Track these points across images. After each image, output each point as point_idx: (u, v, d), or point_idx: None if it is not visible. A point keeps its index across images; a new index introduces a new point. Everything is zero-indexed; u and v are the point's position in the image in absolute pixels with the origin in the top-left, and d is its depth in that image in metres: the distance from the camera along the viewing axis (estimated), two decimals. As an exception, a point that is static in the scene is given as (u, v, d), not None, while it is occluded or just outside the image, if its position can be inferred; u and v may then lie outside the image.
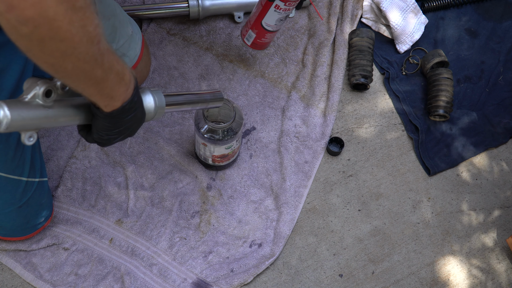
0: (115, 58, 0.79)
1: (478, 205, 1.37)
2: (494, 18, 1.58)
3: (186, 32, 1.50)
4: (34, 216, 1.19)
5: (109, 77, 0.79)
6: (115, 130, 0.90)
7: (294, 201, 1.32)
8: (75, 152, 1.35)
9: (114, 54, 0.79)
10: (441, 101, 1.41)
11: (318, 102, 1.43)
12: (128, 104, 0.86)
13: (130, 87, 0.85)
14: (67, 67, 0.71)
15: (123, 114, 0.87)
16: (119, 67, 0.80)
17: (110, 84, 0.80)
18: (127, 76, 0.83)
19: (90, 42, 0.70)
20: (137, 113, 0.90)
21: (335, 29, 1.52)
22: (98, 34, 0.71)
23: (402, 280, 1.28)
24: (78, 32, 0.67)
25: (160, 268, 1.24)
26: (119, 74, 0.81)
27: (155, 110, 0.95)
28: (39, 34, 0.65)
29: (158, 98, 0.95)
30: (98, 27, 0.71)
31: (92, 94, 0.81)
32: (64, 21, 0.65)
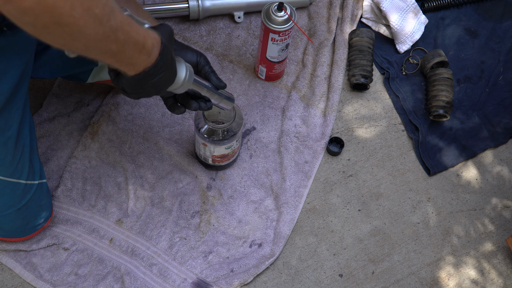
0: (133, 29, 0.78)
1: (478, 205, 1.37)
2: (494, 18, 1.58)
3: (186, 32, 1.50)
4: (34, 217, 1.19)
5: (125, 49, 0.78)
6: (139, 89, 0.91)
7: (294, 201, 1.32)
8: (75, 152, 1.35)
9: (132, 24, 0.78)
10: (441, 101, 1.41)
11: (318, 102, 1.43)
12: (152, 69, 0.86)
13: (153, 54, 0.84)
14: (78, 46, 0.72)
15: (147, 77, 0.87)
16: (139, 36, 0.80)
17: (128, 54, 0.80)
18: (148, 44, 0.82)
19: (98, 23, 0.70)
20: (163, 76, 0.89)
21: (335, 29, 1.52)
22: (107, 14, 0.71)
23: (402, 280, 1.28)
24: (82, 16, 0.67)
25: (160, 268, 1.25)
26: (138, 44, 0.80)
27: (183, 81, 0.96)
28: (41, 22, 0.65)
29: (190, 73, 0.97)
30: (106, 6, 0.70)
31: (110, 63, 0.81)
32: (65, 7, 0.65)
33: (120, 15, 0.75)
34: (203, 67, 1.07)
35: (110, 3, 0.72)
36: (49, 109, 1.39)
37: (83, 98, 1.41)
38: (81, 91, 1.42)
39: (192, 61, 1.06)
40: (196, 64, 1.07)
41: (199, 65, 1.07)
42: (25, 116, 1.10)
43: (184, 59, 1.04)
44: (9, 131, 1.06)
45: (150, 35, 0.83)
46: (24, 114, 1.09)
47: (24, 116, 1.09)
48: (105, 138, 1.36)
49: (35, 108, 1.40)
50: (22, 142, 1.09)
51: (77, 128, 1.38)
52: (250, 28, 1.52)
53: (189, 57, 1.06)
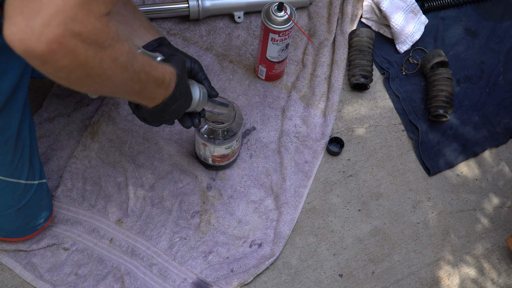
0: (153, 68, 0.85)
1: (478, 205, 1.37)
2: (494, 18, 1.58)
3: (186, 32, 1.50)
4: (34, 217, 1.19)
5: (147, 87, 0.85)
6: (160, 118, 0.98)
7: (294, 201, 1.32)
8: (75, 152, 1.35)
9: (151, 63, 0.85)
10: (441, 101, 1.41)
11: (318, 102, 1.43)
12: (170, 100, 0.93)
13: (171, 86, 0.91)
14: (106, 91, 0.79)
15: (165, 107, 0.94)
16: (158, 74, 0.87)
17: (149, 91, 0.87)
18: (166, 79, 0.89)
19: (123, 70, 0.76)
20: (180, 103, 0.97)
21: (335, 29, 1.52)
22: (130, 60, 0.77)
23: (402, 280, 1.28)
24: (110, 67, 0.73)
25: (160, 268, 1.25)
26: (157, 80, 0.87)
27: (198, 103, 1.03)
28: (74, 76, 0.71)
29: (203, 93, 1.04)
30: (129, 53, 0.76)
31: (133, 99, 0.89)
32: (95, 61, 0.70)
33: (141, 57, 0.81)
34: (196, 74, 1.10)
35: (132, 49, 0.78)
36: (49, 109, 1.39)
37: (83, 98, 1.41)
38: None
39: (186, 68, 1.07)
40: (189, 70, 1.10)
41: (193, 71, 1.10)
42: (25, 116, 1.10)
43: None
44: (9, 131, 1.06)
45: (167, 70, 0.90)
46: (24, 114, 1.09)
47: (24, 116, 1.09)
48: (105, 138, 1.36)
49: (35, 108, 1.40)
50: (22, 142, 1.09)
51: (77, 128, 1.38)
52: (250, 28, 1.52)
53: None
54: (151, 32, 1.13)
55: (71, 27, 0.65)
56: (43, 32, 0.64)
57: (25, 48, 0.65)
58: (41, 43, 0.64)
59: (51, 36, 0.64)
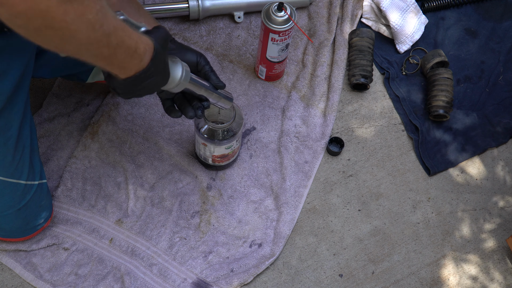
0: (126, 34, 0.80)
1: (478, 205, 1.37)
2: (494, 18, 1.58)
3: (186, 32, 1.50)
4: (34, 217, 1.19)
5: (117, 53, 0.79)
6: (130, 91, 0.92)
7: (294, 201, 1.32)
8: (75, 152, 1.35)
9: (126, 29, 0.80)
10: (441, 101, 1.41)
11: (318, 102, 1.43)
12: (143, 74, 0.87)
13: (145, 58, 0.86)
14: (69, 49, 0.73)
15: (137, 81, 0.88)
16: (131, 41, 0.81)
17: (120, 58, 0.81)
18: (140, 49, 0.84)
19: (90, 29, 0.71)
20: (155, 79, 0.91)
21: (335, 29, 1.52)
22: (100, 19, 0.72)
23: (402, 280, 1.28)
24: (75, 21, 0.68)
25: (160, 268, 1.25)
26: (130, 49, 0.82)
27: (179, 81, 0.98)
28: (33, 25, 0.66)
29: (186, 72, 0.99)
30: (99, 12, 0.71)
31: (101, 66, 0.82)
32: (58, 12, 0.66)
33: (114, 20, 0.76)
34: (203, 67, 1.08)
35: (104, 9, 0.73)
36: (49, 109, 1.39)
37: (83, 98, 1.41)
38: (81, 91, 1.42)
39: (192, 61, 1.07)
40: (196, 64, 1.07)
41: (199, 65, 1.08)
42: (26, 116, 1.10)
43: (184, 59, 1.04)
44: (9, 131, 1.06)
45: (143, 40, 0.84)
46: (25, 114, 1.09)
47: (25, 116, 1.09)
48: (105, 138, 1.36)
49: (35, 108, 1.40)
50: (23, 143, 1.09)
51: (77, 128, 1.38)
52: (250, 28, 1.52)
53: (188, 57, 1.06)
54: None
55: None
56: None
57: None
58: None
59: None
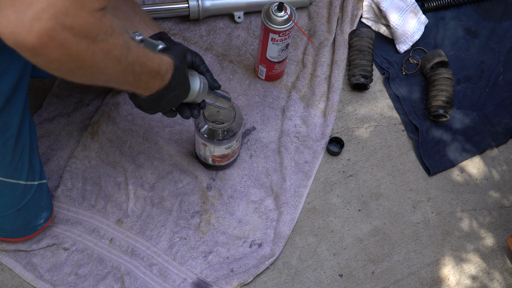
0: (148, 59, 0.85)
1: (478, 205, 1.37)
2: (494, 18, 1.58)
3: (186, 32, 1.50)
4: (34, 217, 1.19)
5: (142, 78, 0.86)
6: (155, 106, 0.98)
7: (294, 201, 1.32)
8: (75, 152, 1.35)
9: (147, 54, 0.85)
10: (441, 101, 1.41)
11: (318, 102, 1.43)
12: (164, 90, 0.93)
13: (167, 77, 0.91)
14: (99, 82, 0.80)
15: (161, 97, 0.94)
16: (153, 65, 0.87)
17: (144, 81, 0.87)
18: (162, 70, 0.90)
19: (116, 63, 0.77)
20: (176, 93, 0.97)
21: (335, 29, 1.52)
22: (124, 53, 0.78)
23: (402, 280, 1.28)
24: (103, 60, 0.74)
25: (160, 268, 1.25)
26: (152, 72, 0.88)
27: (197, 94, 1.03)
28: (66, 68, 0.72)
29: (204, 84, 1.04)
30: (123, 46, 0.77)
31: (127, 89, 0.89)
32: (87, 54, 0.71)
33: (136, 49, 0.82)
34: (198, 67, 1.10)
35: (127, 42, 0.78)
36: (49, 109, 1.39)
37: (83, 98, 1.41)
38: (81, 91, 1.42)
39: (187, 61, 1.08)
40: (191, 63, 1.09)
41: (194, 64, 1.10)
42: (25, 116, 1.10)
43: None
44: (9, 131, 1.06)
45: (164, 61, 0.90)
46: (24, 114, 1.09)
47: (24, 116, 1.09)
48: (105, 138, 1.36)
49: (35, 108, 1.40)
50: (22, 143, 1.09)
51: (77, 128, 1.38)
52: (250, 28, 1.52)
53: None
54: (151, 27, 1.13)
55: (62, 21, 0.66)
56: (34, 25, 0.64)
57: (15, 40, 0.65)
58: (31, 37, 0.65)
59: (41, 30, 0.65)
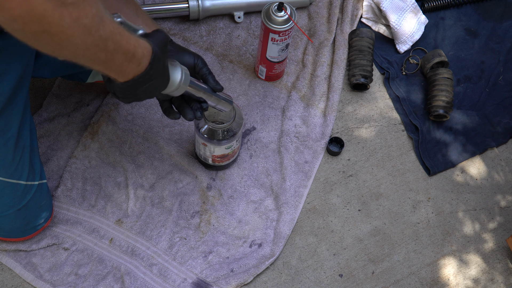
0: (123, 38, 0.80)
1: (478, 205, 1.37)
2: (494, 18, 1.58)
3: (186, 32, 1.50)
4: (34, 217, 1.19)
5: (115, 57, 0.80)
6: (130, 94, 0.92)
7: (294, 201, 1.32)
8: (75, 152, 1.35)
9: (123, 33, 0.80)
10: (441, 101, 1.41)
11: (318, 102, 1.43)
12: (141, 77, 0.87)
13: (143, 62, 0.86)
14: (66, 54, 0.74)
15: (137, 84, 0.88)
16: (129, 46, 0.82)
17: (118, 63, 0.81)
18: (138, 53, 0.84)
19: (86, 33, 0.72)
20: (154, 83, 0.91)
21: (335, 29, 1.52)
22: (96, 23, 0.72)
23: (402, 280, 1.28)
24: (71, 26, 0.69)
25: (160, 268, 1.25)
26: (128, 53, 0.82)
27: (178, 85, 0.98)
28: (30, 29, 0.67)
29: (185, 75, 0.99)
30: (96, 16, 0.72)
31: (99, 70, 0.82)
32: (54, 16, 0.67)
33: (111, 24, 0.76)
34: (200, 69, 1.08)
35: (100, 13, 0.73)
36: (49, 109, 1.39)
37: (83, 98, 1.41)
38: (81, 91, 1.42)
39: (190, 64, 1.07)
40: (193, 66, 1.08)
41: (197, 67, 1.08)
42: (26, 116, 1.10)
43: (181, 61, 1.05)
44: (9, 132, 1.06)
45: (141, 44, 0.85)
46: (25, 114, 1.09)
47: (25, 116, 1.09)
48: (105, 138, 1.36)
49: (35, 108, 1.40)
50: (23, 143, 1.09)
51: (77, 128, 1.38)
52: (250, 28, 1.52)
53: (186, 60, 1.07)
54: (153, 29, 1.13)
55: None
56: None
57: None
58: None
59: None
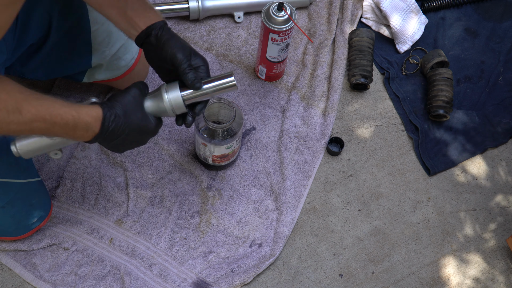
0: (57, 114, 0.88)
1: (478, 205, 1.37)
2: (494, 18, 1.58)
3: (186, 32, 1.50)
4: (25, 216, 1.18)
5: (53, 129, 0.89)
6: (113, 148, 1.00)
7: (294, 201, 1.32)
8: (75, 152, 1.35)
9: (55, 110, 0.88)
10: (441, 101, 1.41)
11: (318, 102, 1.43)
12: (97, 139, 0.95)
13: (91, 130, 0.93)
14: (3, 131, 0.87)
15: (103, 142, 0.97)
16: (67, 118, 0.89)
17: (60, 132, 0.91)
18: (81, 124, 0.91)
19: (3, 124, 0.84)
20: (126, 137, 0.97)
21: (335, 29, 1.52)
22: (9, 114, 0.83)
23: (402, 280, 1.28)
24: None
25: (160, 268, 1.25)
26: (67, 125, 0.90)
27: (170, 107, 0.99)
28: None
29: (173, 100, 0.99)
30: (4, 109, 0.82)
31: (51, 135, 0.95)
32: None
33: (34, 108, 0.85)
34: (179, 66, 1.00)
35: (13, 103, 0.83)
36: (49, 109, 1.39)
37: (83, 98, 1.41)
38: (81, 91, 1.42)
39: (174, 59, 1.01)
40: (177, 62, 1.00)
41: (176, 63, 1.00)
42: None
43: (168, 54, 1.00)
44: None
45: (85, 113, 0.92)
46: None
47: None
48: (105, 138, 1.36)
49: (35, 108, 1.40)
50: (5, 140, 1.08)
51: (77, 128, 1.38)
52: (250, 28, 1.52)
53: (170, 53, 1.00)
54: (148, 15, 1.02)
55: None
56: None
57: None
58: None
59: None
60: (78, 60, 1.21)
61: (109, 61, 1.24)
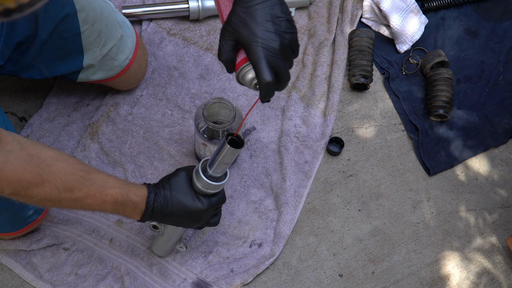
0: (109, 192, 0.96)
1: (478, 205, 1.37)
2: (494, 18, 1.59)
3: (186, 32, 1.50)
4: (19, 208, 1.16)
5: (104, 207, 0.98)
6: (169, 223, 1.09)
7: (294, 201, 1.32)
8: (75, 152, 1.35)
9: (108, 190, 0.96)
10: (441, 101, 1.41)
11: (318, 102, 1.43)
12: (145, 217, 1.02)
13: (138, 208, 1.01)
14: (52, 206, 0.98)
15: (152, 219, 1.04)
16: (118, 196, 0.97)
17: (110, 210, 0.99)
18: (129, 202, 0.99)
19: (56, 203, 0.94)
20: (177, 215, 1.04)
21: (335, 29, 1.52)
22: (61, 194, 0.92)
23: (402, 280, 1.28)
24: (41, 203, 0.92)
25: (160, 268, 1.25)
26: (116, 203, 0.98)
27: (203, 190, 1.03)
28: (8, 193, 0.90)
29: (201, 183, 1.03)
30: (53, 191, 0.91)
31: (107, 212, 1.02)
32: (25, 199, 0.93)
33: (85, 187, 0.93)
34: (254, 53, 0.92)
35: (64, 184, 0.91)
36: (49, 109, 1.39)
37: (83, 98, 1.41)
38: (81, 91, 1.42)
39: None
40: None
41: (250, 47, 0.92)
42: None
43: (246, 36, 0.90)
44: None
45: (131, 195, 0.99)
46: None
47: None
48: (105, 138, 1.36)
49: (35, 108, 1.40)
50: None
51: (77, 128, 1.38)
52: (250, 28, 1.51)
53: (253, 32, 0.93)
54: None
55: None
56: None
57: None
58: None
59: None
60: (70, 59, 1.21)
61: (102, 61, 1.24)
